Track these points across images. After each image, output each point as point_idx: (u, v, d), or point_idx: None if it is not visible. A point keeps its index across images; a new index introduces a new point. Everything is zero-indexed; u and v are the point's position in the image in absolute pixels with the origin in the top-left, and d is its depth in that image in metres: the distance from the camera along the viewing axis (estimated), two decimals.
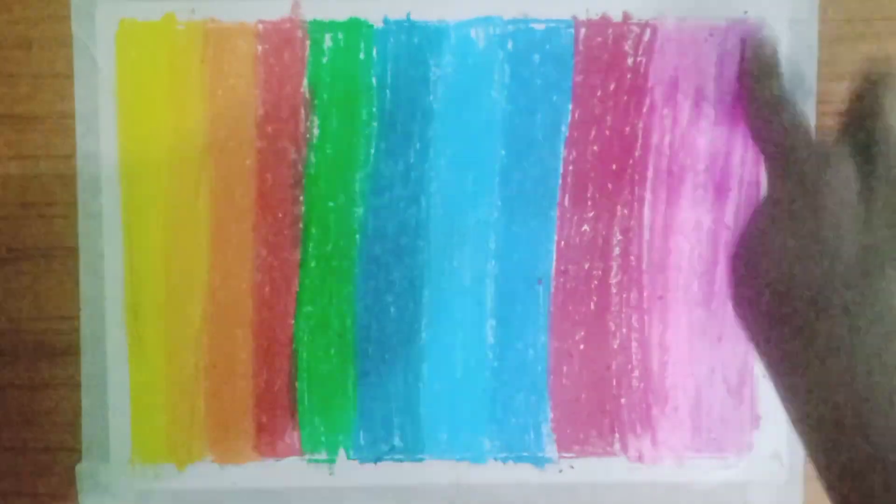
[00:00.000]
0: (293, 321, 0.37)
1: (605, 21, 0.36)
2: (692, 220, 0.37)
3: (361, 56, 0.36)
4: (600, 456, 0.38)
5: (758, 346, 0.30)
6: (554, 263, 0.37)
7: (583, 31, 0.36)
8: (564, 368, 0.37)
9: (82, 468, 0.37)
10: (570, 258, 0.37)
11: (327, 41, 0.36)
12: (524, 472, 0.37)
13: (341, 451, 0.37)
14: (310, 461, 0.37)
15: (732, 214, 0.37)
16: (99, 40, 0.36)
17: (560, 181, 0.37)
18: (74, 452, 0.37)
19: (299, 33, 0.36)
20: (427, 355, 0.37)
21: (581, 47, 0.36)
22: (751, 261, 0.30)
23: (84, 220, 0.37)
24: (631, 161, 0.37)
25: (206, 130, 0.36)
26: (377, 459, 0.37)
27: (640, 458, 0.38)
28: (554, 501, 0.38)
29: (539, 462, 0.37)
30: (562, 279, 0.37)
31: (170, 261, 0.37)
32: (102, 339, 0.37)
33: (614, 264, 0.37)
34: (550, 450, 0.37)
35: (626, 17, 0.36)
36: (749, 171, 0.37)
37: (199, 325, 0.37)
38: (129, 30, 0.36)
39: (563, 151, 0.37)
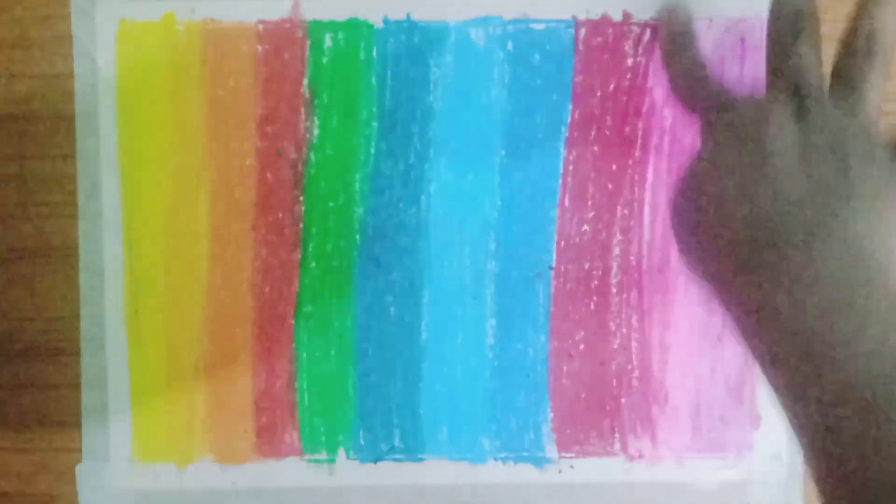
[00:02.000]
0: (293, 321, 0.37)
1: (605, 21, 0.36)
2: None
3: (361, 56, 0.36)
4: (600, 456, 0.38)
5: (714, 292, 0.30)
6: (554, 263, 0.37)
7: (583, 31, 0.36)
8: (564, 368, 0.37)
9: (82, 468, 0.37)
10: (569, 258, 0.37)
11: (327, 41, 0.36)
12: (524, 472, 0.37)
13: (341, 451, 0.37)
14: (310, 461, 0.37)
15: None
16: (99, 40, 0.36)
17: (560, 181, 0.37)
18: (74, 452, 0.37)
19: (299, 33, 0.36)
20: (427, 355, 0.37)
21: (581, 47, 0.36)
22: (693, 206, 0.30)
23: (84, 220, 0.37)
24: (631, 161, 0.37)
25: (206, 130, 0.36)
26: (377, 459, 0.37)
27: (640, 458, 0.38)
28: (554, 501, 0.38)
29: (539, 462, 0.37)
30: (562, 279, 0.37)
31: (170, 261, 0.37)
32: (102, 339, 0.37)
33: (614, 264, 0.37)
34: (550, 450, 0.37)
35: (626, 17, 0.36)
36: None
37: (199, 325, 0.37)
38: (128, 30, 0.36)
39: (563, 151, 0.37)
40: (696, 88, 0.32)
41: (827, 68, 0.30)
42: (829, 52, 0.37)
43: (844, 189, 0.27)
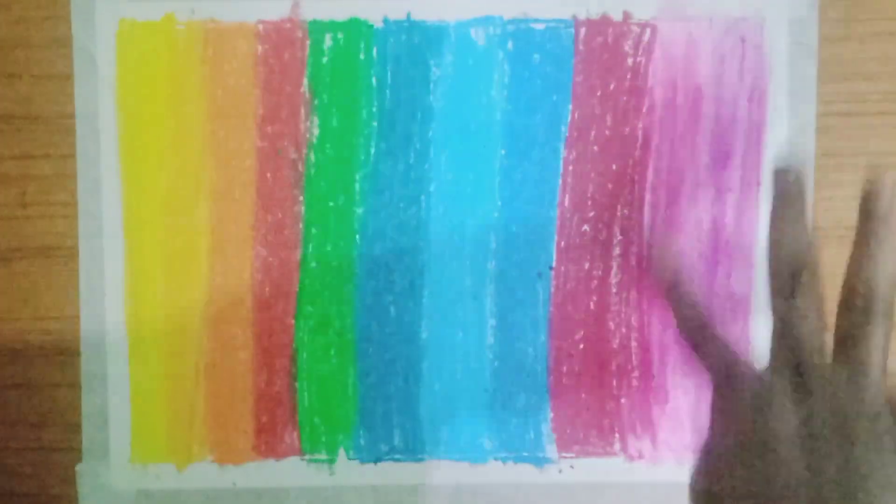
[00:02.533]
0: (293, 321, 0.37)
1: (605, 21, 0.36)
2: (692, 220, 0.37)
3: (361, 56, 0.36)
4: (600, 456, 0.38)
5: None
6: (554, 263, 0.37)
7: (583, 31, 0.36)
8: (564, 368, 0.37)
9: (82, 468, 0.37)
10: (569, 258, 0.37)
11: (327, 41, 0.36)
12: (524, 472, 0.37)
13: (341, 451, 0.37)
14: (310, 461, 0.37)
15: (733, 214, 0.37)
16: (99, 40, 0.36)
17: (560, 181, 0.37)
18: (74, 452, 0.37)
19: (299, 33, 0.36)
20: (427, 355, 0.37)
21: (581, 47, 0.36)
22: (704, 488, 0.29)
23: (84, 220, 0.37)
24: (631, 161, 0.37)
25: (206, 130, 0.36)
26: (377, 459, 0.37)
27: (639, 458, 0.38)
28: (554, 501, 0.38)
29: (539, 462, 0.37)
30: (562, 279, 0.37)
31: (170, 261, 0.37)
32: (102, 339, 0.37)
33: (614, 264, 0.37)
34: (550, 450, 0.37)
35: (626, 17, 0.36)
36: (749, 171, 0.37)
37: (199, 325, 0.37)
38: (128, 30, 0.36)
39: (563, 151, 0.37)
40: (700, 339, 0.31)
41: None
42: (826, 52, 0.37)
43: (850, 487, 0.26)
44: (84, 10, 0.36)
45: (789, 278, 0.29)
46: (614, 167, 0.37)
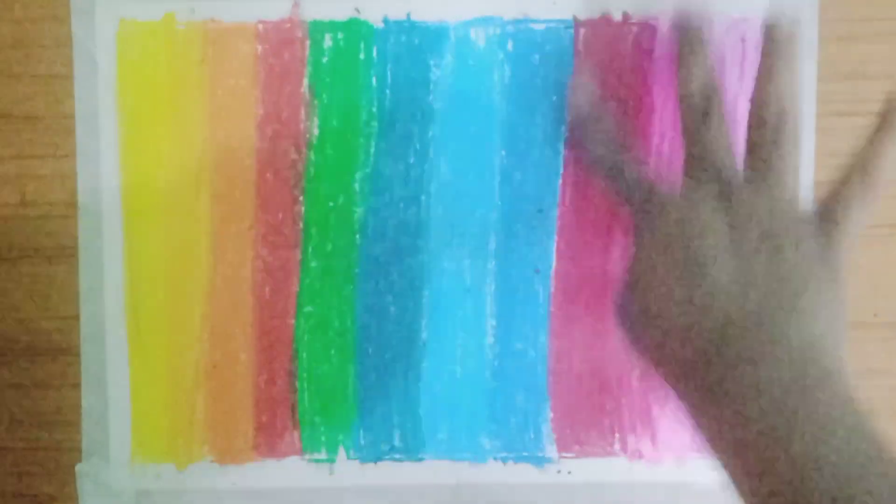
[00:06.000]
0: (293, 321, 0.37)
1: (605, 21, 0.36)
2: None
3: (361, 56, 0.36)
4: (600, 456, 0.38)
5: (667, 383, 0.30)
6: (554, 263, 0.37)
7: (583, 31, 0.36)
8: (564, 368, 0.37)
9: (82, 468, 0.37)
10: (570, 258, 0.37)
11: (327, 41, 0.36)
12: (524, 472, 0.37)
13: (341, 451, 0.37)
14: (310, 461, 0.37)
15: None
16: (99, 40, 0.36)
17: (560, 181, 0.37)
18: (74, 452, 0.37)
19: (299, 33, 0.36)
20: (427, 355, 0.37)
21: (581, 47, 0.36)
22: (636, 313, 0.30)
23: (84, 220, 0.37)
24: None
25: (206, 130, 0.36)
26: (377, 459, 0.37)
27: (640, 458, 0.38)
28: (554, 501, 0.38)
29: (539, 462, 0.37)
30: (562, 279, 0.37)
31: (170, 261, 0.37)
32: (102, 339, 0.37)
33: (614, 264, 0.37)
34: (550, 450, 0.38)
35: (626, 17, 0.36)
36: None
37: (199, 325, 0.37)
38: (129, 30, 0.36)
39: (563, 151, 0.37)
40: (616, 171, 0.33)
41: None
42: (826, 52, 0.37)
43: (783, 287, 0.27)
44: (84, 10, 0.36)
45: (701, 110, 0.31)
46: None
